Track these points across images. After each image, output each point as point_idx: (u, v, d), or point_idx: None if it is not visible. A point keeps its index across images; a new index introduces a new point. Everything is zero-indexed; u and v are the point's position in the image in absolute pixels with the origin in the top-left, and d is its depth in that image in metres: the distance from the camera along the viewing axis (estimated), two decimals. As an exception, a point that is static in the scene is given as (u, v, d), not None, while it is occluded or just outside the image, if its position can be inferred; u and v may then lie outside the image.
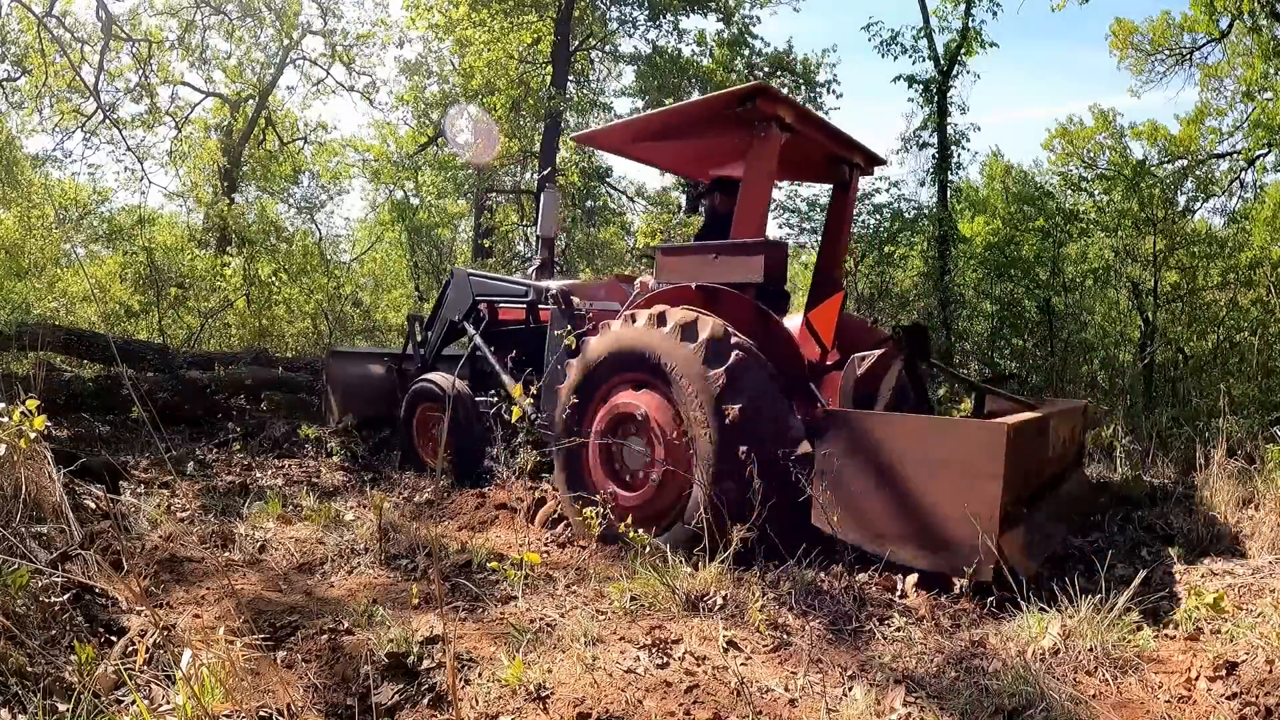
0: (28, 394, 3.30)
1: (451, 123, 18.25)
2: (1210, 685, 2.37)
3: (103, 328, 10.35)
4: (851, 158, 5.13)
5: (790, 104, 4.34)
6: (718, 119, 4.41)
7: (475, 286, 6.38)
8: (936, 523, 3.16)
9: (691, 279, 4.31)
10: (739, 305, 4.12)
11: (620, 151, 5.80)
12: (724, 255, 4.27)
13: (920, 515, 3.21)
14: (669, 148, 5.28)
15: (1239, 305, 9.50)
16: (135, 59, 16.12)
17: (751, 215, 4.26)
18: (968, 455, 3.10)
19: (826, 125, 4.92)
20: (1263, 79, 11.78)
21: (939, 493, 3.16)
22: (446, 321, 6.60)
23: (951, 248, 10.42)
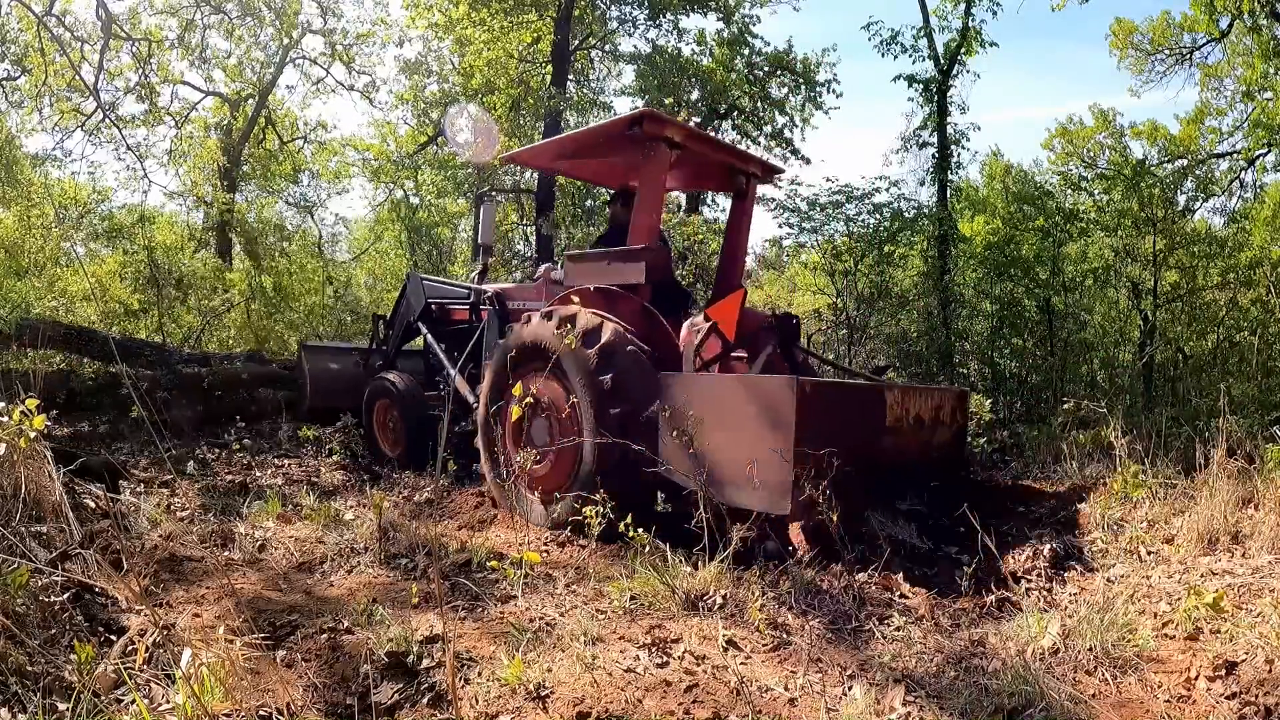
0: (27, 393, 3.30)
1: (451, 122, 18.25)
2: (1210, 685, 2.37)
3: (102, 327, 10.35)
4: (747, 168, 5.71)
5: (676, 125, 4.93)
6: (616, 140, 4.95)
7: (427, 290, 7.05)
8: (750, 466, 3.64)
9: (591, 282, 4.85)
10: (628, 304, 4.71)
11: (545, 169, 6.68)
12: (615, 261, 4.87)
13: (737, 460, 3.71)
14: (585, 164, 6.05)
15: (1239, 305, 9.50)
16: (135, 58, 16.12)
17: (645, 223, 4.82)
18: (769, 406, 3.62)
19: (717, 142, 5.73)
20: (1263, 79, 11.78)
21: (750, 440, 3.64)
22: (404, 321, 7.22)
23: (951, 247, 10.41)
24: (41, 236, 13.31)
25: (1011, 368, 9.74)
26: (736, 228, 5.95)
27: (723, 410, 3.82)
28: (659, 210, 5.04)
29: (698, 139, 5.17)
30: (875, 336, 10.10)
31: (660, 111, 5.02)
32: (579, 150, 5.52)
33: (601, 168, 6.12)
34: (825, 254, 10.19)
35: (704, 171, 5.86)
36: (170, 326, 12.45)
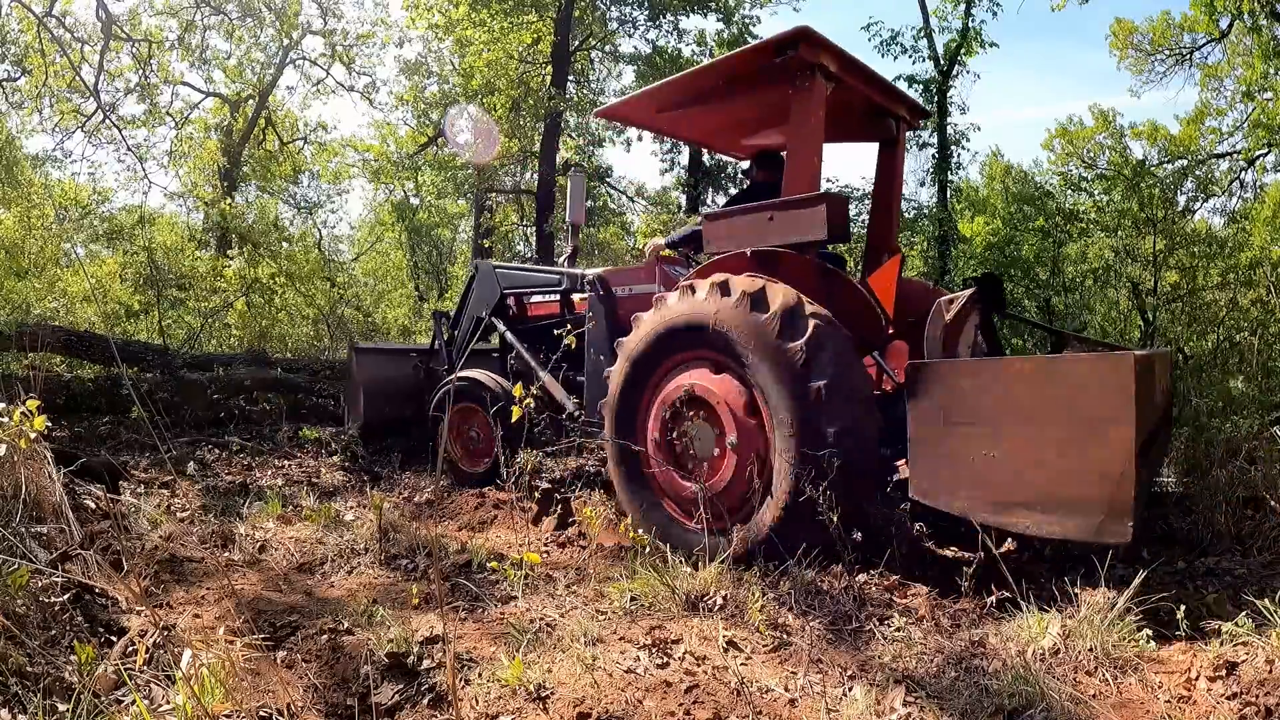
0: (28, 394, 3.30)
1: (451, 123, 18.25)
2: (1210, 685, 2.37)
3: (103, 328, 10.35)
4: (897, 110, 4.69)
5: (834, 50, 3.92)
6: (754, 75, 4.04)
7: (502, 279, 6.13)
8: (1060, 481, 2.75)
9: (745, 245, 3.90)
10: (803, 269, 3.73)
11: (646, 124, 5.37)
12: (780, 213, 3.84)
13: (1041, 474, 2.78)
14: (699, 116, 4.85)
15: (1239, 305, 9.50)
16: (135, 59, 16.13)
17: (803, 174, 3.85)
18: (1092, 397, 2.69)
19: (872, 74, 4.40)
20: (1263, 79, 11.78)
21: (1061, 445, 2.74)
22: (474, 318, 6.32)
23: (951, 248, 10.43)
24: (42, 237, 13.31)
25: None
26: (888, 181, 4.89)
27: (1015, 406, 2.87)
28: (820, 154, 3.99)
29: (854, 70, 4.16)
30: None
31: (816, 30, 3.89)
32: (695, 96, 4.43)
33: (719, 120, 4.96)
34: (825, 254, 10.18)
35: (850, 115, 4.66)
36: (170, 327, 12.45)
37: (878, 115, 4.69)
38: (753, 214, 3.98)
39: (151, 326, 12.40)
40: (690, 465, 3.81)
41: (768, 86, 4.06)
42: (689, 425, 3.79)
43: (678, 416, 3.83)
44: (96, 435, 6.86)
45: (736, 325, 3.53)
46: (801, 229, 3.76)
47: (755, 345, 3.46)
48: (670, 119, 4.95)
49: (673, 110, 4.67)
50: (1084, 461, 2.69)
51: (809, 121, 3.88)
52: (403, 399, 6.58)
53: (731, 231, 4.08)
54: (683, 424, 3.81)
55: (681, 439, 3.82)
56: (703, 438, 3.75)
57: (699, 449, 3.77)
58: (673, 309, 3.84)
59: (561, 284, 5.74)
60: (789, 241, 3.80)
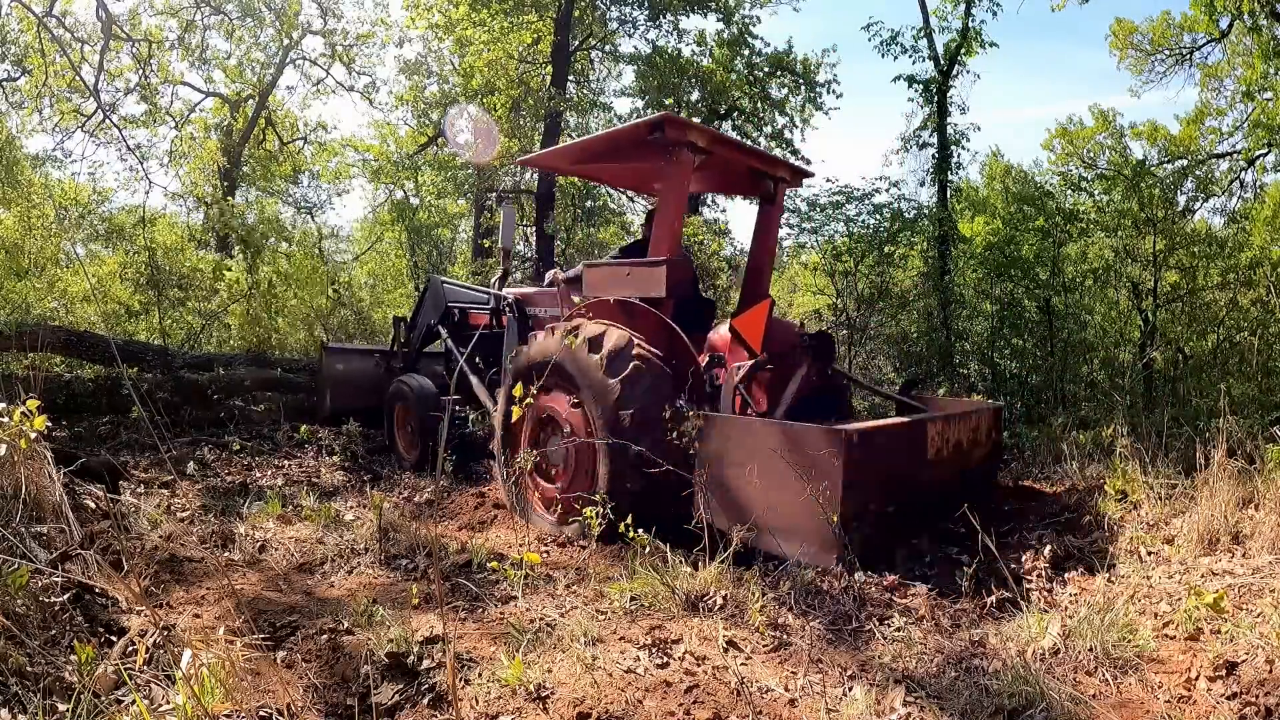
0: (28, 394, 3.30)
1: (451, 123, 18.25)
2: (1210, 685, 2.37)
3: (103, 328, 10.35)
4: (775, 173, 5.47)
5: (699, 129, 4.71)
6: (637, 144, 4.74)
7: (447, 294, 7.03)
8: (793, 517, 3.48)
9: (610, 293, 4.68)
10: (648, 318, 4.49)
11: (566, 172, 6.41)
12: (635, 271, 4.67)
13: (779, 510, 3.54)
14: (607, 168, 5.77)
15: (1239, 305, 9.49)
16: (135, 59, 16.11)
17: (666, 233, 4.61)
18: (816, 459, 3.43)
19: (743, 145, 5.45)
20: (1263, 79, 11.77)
21: (795, 490, 3.43)
22: (425, 324, 7.24)
23: (951, 248, 10.41)
24: (42, 237, 13.30)
25: (1012, 368, 9.74)
26: (764, 234, 5.73)
27: (763, 456, 3.63)
28: (680, 219, 4.81)
29: (723, 143, 4.97)
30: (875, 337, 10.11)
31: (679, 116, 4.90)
32: (599, 154, 5.30)
33: (624, 172, 5.90)
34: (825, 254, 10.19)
35: (730, 176, 5.62)
36: (171, 327, 12.44)
37: (756, 177, 5.48)
38: (618, 268, 4.81)
39: (151, 326, 12.39)
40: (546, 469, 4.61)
41: (647, 155, 4.80)
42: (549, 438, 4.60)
43: (541, 431, 4.66)
44: (96, 435, 6.86)
45: (576, 360, 4.33)
46: (649, 285, 4.54)
47: (586, 374, 4.26)
48: (583, 168, 5.98)
49: (584, 163, 5.62)
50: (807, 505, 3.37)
51: (676, 189, 4.65)
52: (365, 392, 7.48)
53: (604, 280, 4.84)
54: (545, 437, 4.63)
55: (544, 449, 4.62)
56: (555, 448, 4.53)
57: (553, 459, 4.55)
58: (538, 346, 4.69)
59: (490, 303, 6.62)
60: (640, 295, 4.56)
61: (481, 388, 6.00)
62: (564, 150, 5.61)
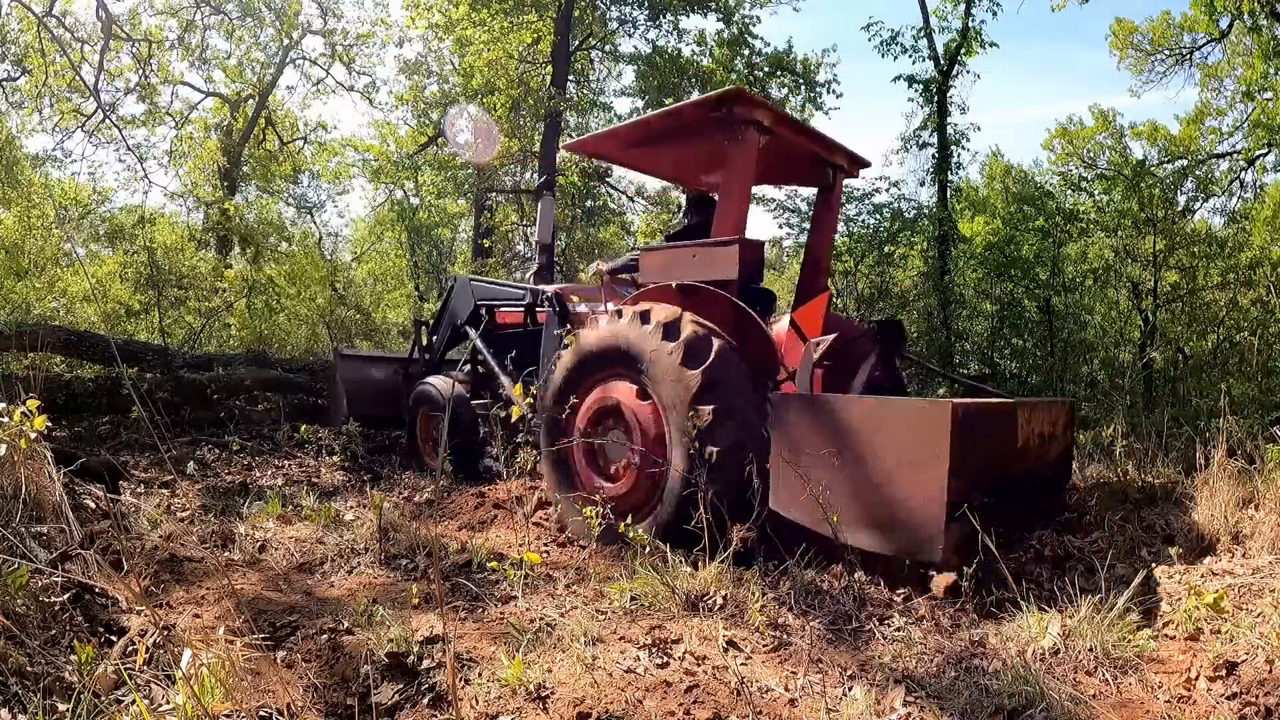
0: (28, 394, 3.30)
1: (451, 122, 18.26)
2: (1210, 685, 2.37)
3: (103, 328, 10.35)
4: (834, 160, 5.16)
5: (766, 107, 4.38)
6: (698, 124, 4.48)
7: (476, 292, 6.62)
8: (886, 505, 3.16)
9: (672, 278, 4.36)
10: (717, 303, 4.14)
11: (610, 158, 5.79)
12: (701, 253, 4.34)
13: (870, 497, 3.20)
14: (656, 154, 5.37)
15: (1239, 305, 9.49)
16: (135, 59, 16.12)
17: (730, 215, 4.34)
18: (915, 436, 3.10)
19: (806, 128, 4.99)
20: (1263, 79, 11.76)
21: (888, 474, 3.16)
22: (450, 326, 6.85)
23: (951, 248, 10.42)
24: (42, 237, 13.31)
25: (1012, 368, 9.75)
26: (822, 224, 5.44)
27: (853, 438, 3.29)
28: (747, 201, 4.51)
29: (788, 124, 4.65)
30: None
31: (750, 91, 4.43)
32: (652, 137, 4.91)
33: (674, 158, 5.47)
34: (825, 254, 10.17)
35: (789, 162, 5.22)
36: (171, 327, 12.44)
37: (816, 164, 5.17)
38: (681, 250, 4.48)
39: (151, 326, 12.39)
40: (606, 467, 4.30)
41: (709, 135, 4.51)
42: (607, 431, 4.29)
43: (598, 423, 4.32)
44: (96, 435, 6.86)
45: (635, 342, 4.04)
46: (718, 267, 4.20)
47: (648, 354, 3.96)
48: (631, 155, 5.50)
49: (633, 148, 5.20)
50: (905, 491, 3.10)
51: (740, 169, 4.36)
52: (383, 400, 7.18)
53: (663, 265, 4.53)
54: (602, 430, 4.31)
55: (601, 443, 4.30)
56: (617, 442, 4.22)
57: (614, 453, 4.24)
58: (600, 331, 4.33)
59: (525, 299, 6.22)
60: (708, 278, 4.21)
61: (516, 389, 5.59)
62: (615, 133, 5.15)
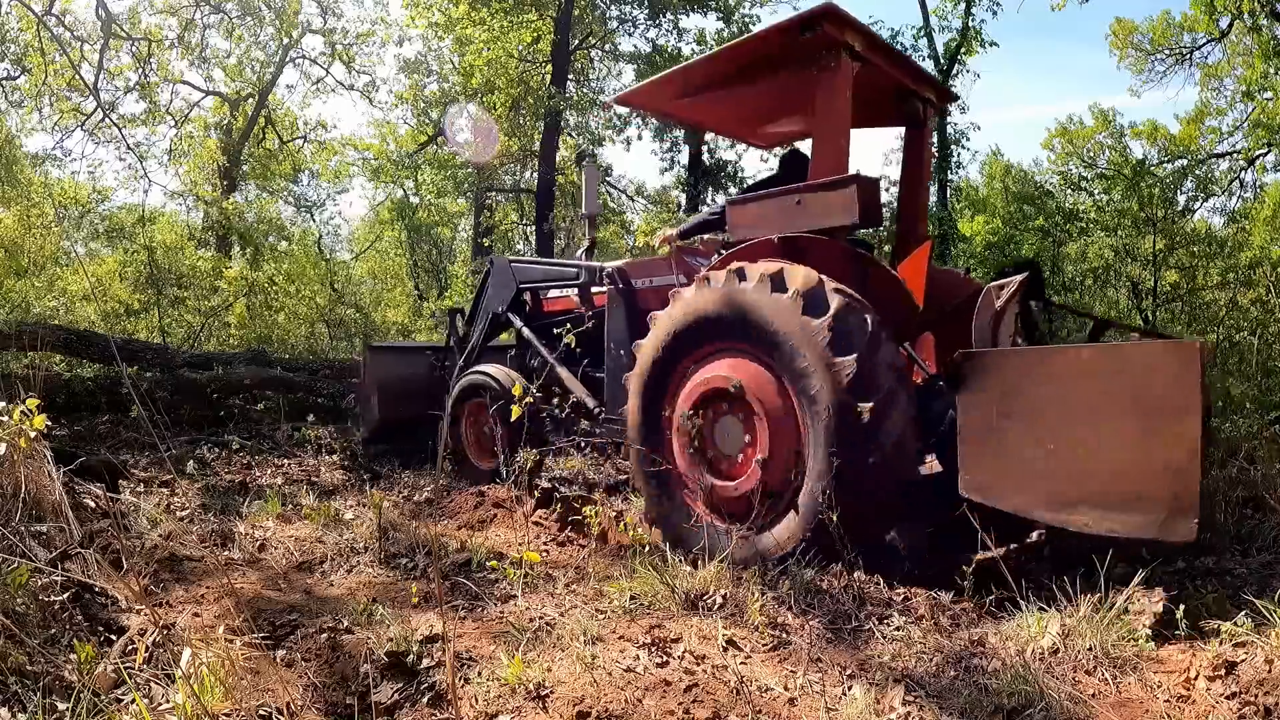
0: (27, 393, 3.30)
1: (451, 121, 18.26)
2: (1210, 685, 2.37)
3: (102, 327, 10.36)
4: (923, 93, 4.50)
5: (860, 28, 3.77)
6: (777, 56, 3.87)
7: (518, 274, 5.94)
8: (1120, 474, 2.64)
9: (773, 230, 3.72)
10: (833, 255, 3.53)
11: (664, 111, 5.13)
12: (809, 197, 3.65)
13: (1098, 466, 2.67)
14: (719, 102, 4.63)
15: (1239, 305, 9.50)
16: (135, 57, 16.12)
17: (830, 156, 3.68)
18: (1159, 384, 2.56)
19: (899, 55, 4.31)
20: (1263, 79, 11.78)
21: (1121, 436, 2.62)
22: (489, 313, 6.13)
23: (951, 247, 10.43)
24: (41, 236, 13.32)
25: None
26: (916, 165, 4.69)
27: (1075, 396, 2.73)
28: (847, 138, 3.81)
29: (882, 51, 4.03)
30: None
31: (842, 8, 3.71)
32: (715, 81, 4.25)
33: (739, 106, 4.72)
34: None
35: (877, 98, 4.44)
36: (170, 326, 12.45)
37: (905, 98, 4.47)
38: (780, 198, 3.79)
39: (151, 325, 12.40)
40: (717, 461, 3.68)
41: (792, 68, 3.89)
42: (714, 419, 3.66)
43: (703, 410, 3.68)
44: (96, 434, 6.86)
45: (758, 310, 3.40)
46: (832, 213, 3.57)
47: (779, 328, 3.32)
48: (689, 105, 4.74)
49: (692, 96, 4.49)
50: (1148, 455, 2.59)
51: (836, 103, 3.73)
52: (418, 399, 6.41)
53: (758, 217, 3.89)
54: (708, 418, 3.68)
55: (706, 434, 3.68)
56: (729, 432, 3.61)
57: (726, 444, 3.63)
58: (691, 302, 3.71)
59: (580, 277, 5.50)
60: (818, 226, 3.62)
61: (574, 381, 5.05)
62: (670, 78, 4.47)
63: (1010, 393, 2.86)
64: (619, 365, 4.67)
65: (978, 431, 2.91)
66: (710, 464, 3.71)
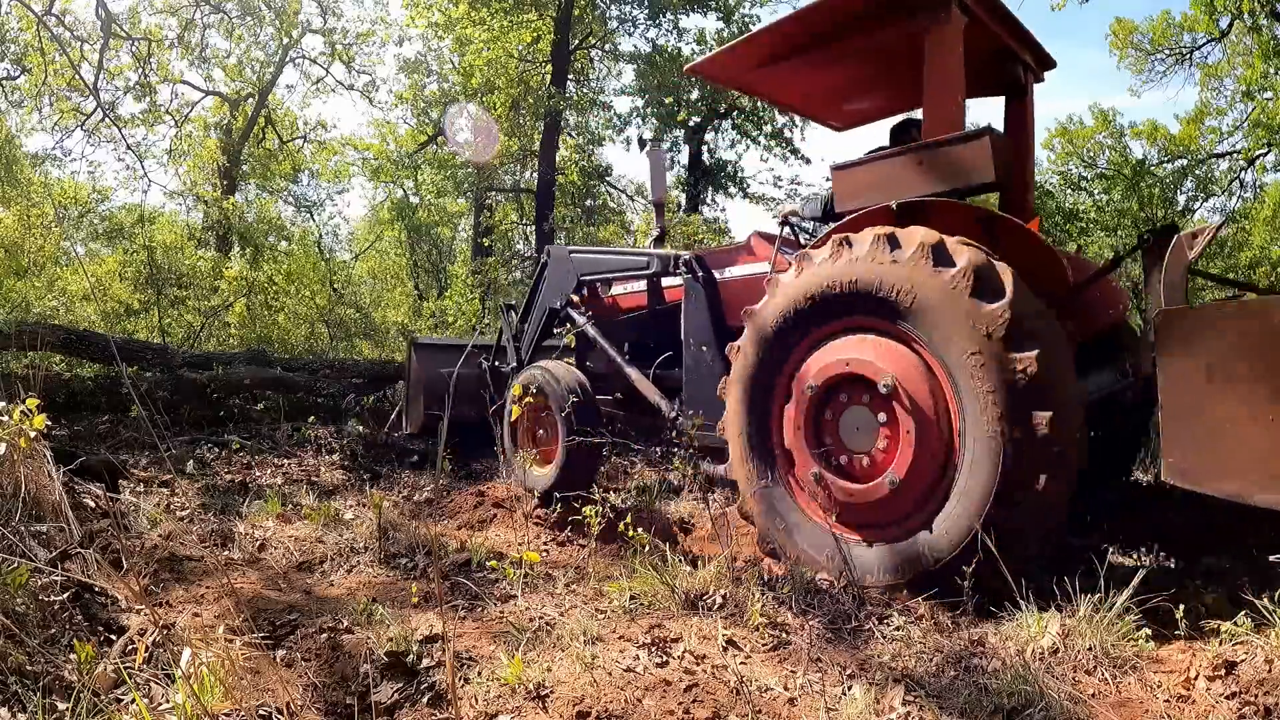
0: (27, 393, 3.30)
1: (451, 121, 18.26)
2: (1209, 685, 2.37)
3: (102, 326, 10.36)
4: (1024, 56, 4.07)
5: None
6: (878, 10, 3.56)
7: (579, 264, 5.45)
8: None
9: (891, 196, 3.30)
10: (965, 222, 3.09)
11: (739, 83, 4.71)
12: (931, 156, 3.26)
13: None
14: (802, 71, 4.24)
15: (1239, 305, 9.51)
16: (135, 58, 16.11)
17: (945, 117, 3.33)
18: None
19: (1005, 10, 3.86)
20: (1263, 79, 11.78)
21: None
22: (546, 308, 5.65)
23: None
24: (41, 236, 13.32)
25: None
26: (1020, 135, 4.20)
27: None
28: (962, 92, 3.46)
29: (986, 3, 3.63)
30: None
31: None
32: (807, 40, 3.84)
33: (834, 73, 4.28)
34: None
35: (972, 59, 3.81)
36: (170, 326, 12.45)
37: (1007, 62, 4.02)
38: (895, 159, 3.43)
39: (151, 325, 12.40)
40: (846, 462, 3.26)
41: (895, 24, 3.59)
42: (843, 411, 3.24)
43: (829, 401, 3.27)
44: (96, 434, 6.85)
45: (913, 286, 2.93)
46: (961, 172, 3.19)
47: (940, 310, 2.88)
48: (769, 75, 4.34)
49: (774, 64, 4.11)
50: None
51: (948, 58, 3.40)
52: (467, 397, 5.98)
53: (868, 183, 3.50)
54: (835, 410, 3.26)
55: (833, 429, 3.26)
56: (862, 426, 3.19)
57: (858, 441, 3.22)
58: (822, 270, 3.21)
59: (650, 267, 5.01)
60: (945, 189, 3.24)
61: (646, 383, 4.63)
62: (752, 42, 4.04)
63: (1225, 357, 2.47)
64: (701, 364, 4.31)
65: (1183, 405, 2.54)
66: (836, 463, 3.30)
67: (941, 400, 2.97)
